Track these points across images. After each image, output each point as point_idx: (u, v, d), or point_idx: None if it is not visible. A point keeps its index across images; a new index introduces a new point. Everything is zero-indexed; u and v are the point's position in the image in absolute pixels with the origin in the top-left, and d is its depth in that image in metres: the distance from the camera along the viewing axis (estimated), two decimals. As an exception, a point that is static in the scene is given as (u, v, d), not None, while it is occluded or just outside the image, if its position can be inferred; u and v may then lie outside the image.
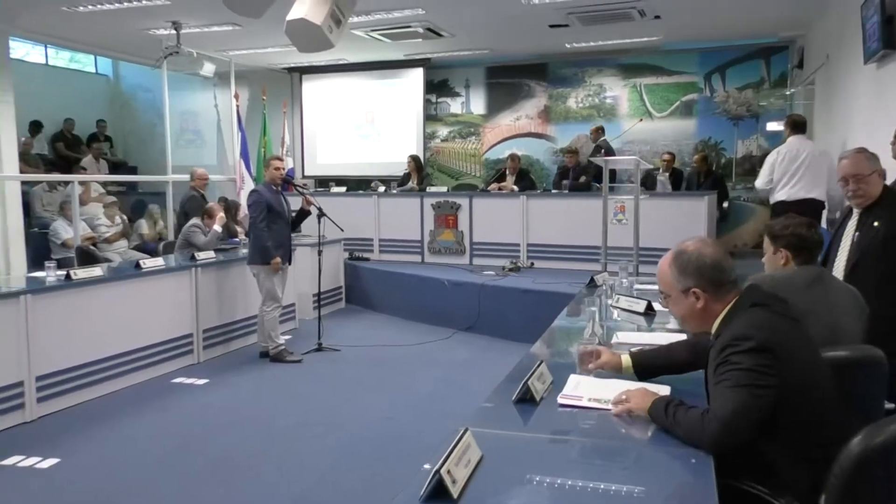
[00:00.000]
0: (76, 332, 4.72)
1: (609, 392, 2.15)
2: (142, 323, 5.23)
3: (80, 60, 11.42)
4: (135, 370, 5.15)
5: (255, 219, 5.61)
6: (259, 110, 9.41)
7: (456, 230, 8.13)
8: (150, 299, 5.34)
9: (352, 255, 8.48)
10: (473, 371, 5.53)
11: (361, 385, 5.22)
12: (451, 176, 10.81)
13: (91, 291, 4.86)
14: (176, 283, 5.60)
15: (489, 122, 10.56)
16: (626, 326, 3.22)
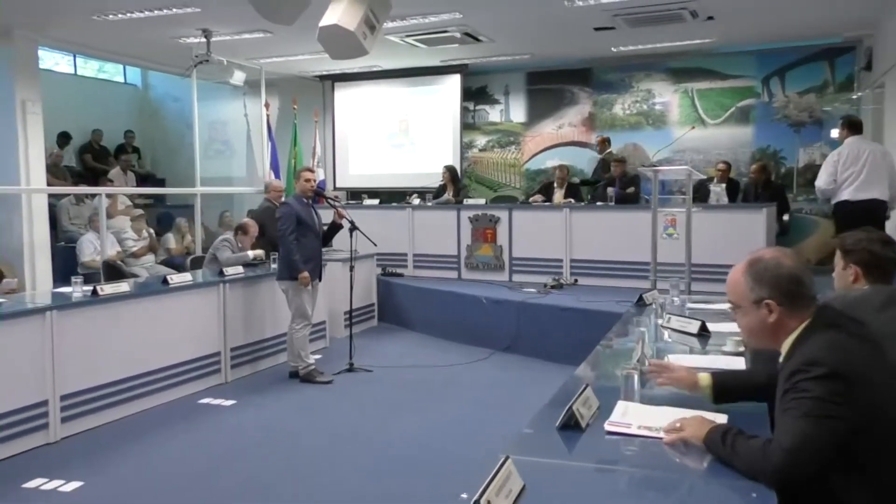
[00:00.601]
0: (102, 350, 4.83)
1: (660, 419, 2.11)
2: (168, 341, 5.34)
3: (108, 70, 11.77)
4: (161, 390, 5.25)
5: (285, 232, 5.69)
6: (290, 119, 9.57)
7: (494, 245, 8.12)
8: (177, 316, 5.44)
9: (385, 270, 8.53)
10: (513, 394, 5.50)
11: (394, 407, 5.23)
12: (489, 187, 10.82)
13: (117, 308, 4.97)
14: (203, 299, 5.70)
15: (530, 130, 10.55)
16: (678, 348, 3.17)
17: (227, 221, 9.53)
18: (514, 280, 7.96)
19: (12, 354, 4.32)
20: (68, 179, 9.58)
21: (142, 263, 8.33)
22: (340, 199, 9.03)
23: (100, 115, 10.99)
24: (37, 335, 4.45)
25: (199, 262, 7.11)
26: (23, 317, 4.42)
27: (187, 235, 9.13)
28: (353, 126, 11.03)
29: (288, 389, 5.71)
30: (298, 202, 5.82)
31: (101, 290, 4.93)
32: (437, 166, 9.79)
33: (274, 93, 10.26)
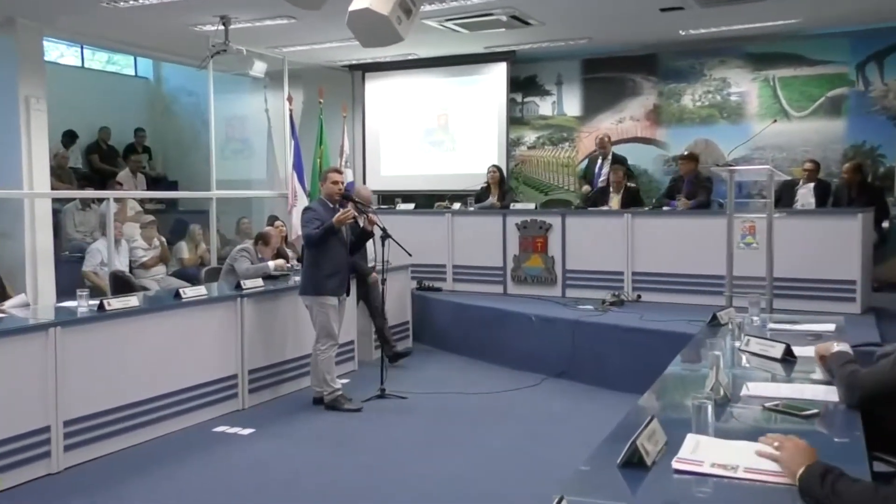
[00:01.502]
0: (109, 372, 4.94)
1: (737, 456, 2.08)
2: (181, 362, 5.43)
3: (117, 62, 12.08)
4: (172, 416, 5.34)
5: (310, 240, 5.75)
6: (315, 115, 9.68)
7: (545, 255, 8.10)
8: (191, 334, 5.54)
9: (421, 284, 8.56)
10: (567, 426, 5.47)
11: (431, 440, 5.23)
12: (539, 190, 10.80)
13: (126, 324, 5.08)
14: (219, 315, 5.79)
15: (586, 125, 10.51)
16: (759, 375, 3.13)
17: (245, 229, 9.68)
18: (568, 296, 7.92)
19: (11, 375, 4.42)
20: (74, 182, 9.82)
21: (152, 275, 8.51)
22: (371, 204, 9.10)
23: (108, 112, 11.27)
24: (39, 354, 4.56)
25: (215, 274, 7.23)
26: (23, 334, 4.53)
27: (202, 244, 9.28)
28: (385, 122, 11.13)
29: (312, 417, 5.75)
30: (324, 207, 5.88)
31: (108, 304, 5.04)
32: (479, 166, 9.81)
33: (298, 85, 10.40)
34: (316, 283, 5.80)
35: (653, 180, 10.00)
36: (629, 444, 2.11)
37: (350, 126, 10.67)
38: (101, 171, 10.72)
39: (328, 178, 5.97)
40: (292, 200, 9.19)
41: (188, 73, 10.46)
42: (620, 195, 8.31)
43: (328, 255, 5.79)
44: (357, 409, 5.87)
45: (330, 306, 5.83)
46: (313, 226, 5.69)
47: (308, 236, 5.74)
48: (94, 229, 9.11)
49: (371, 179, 11.20)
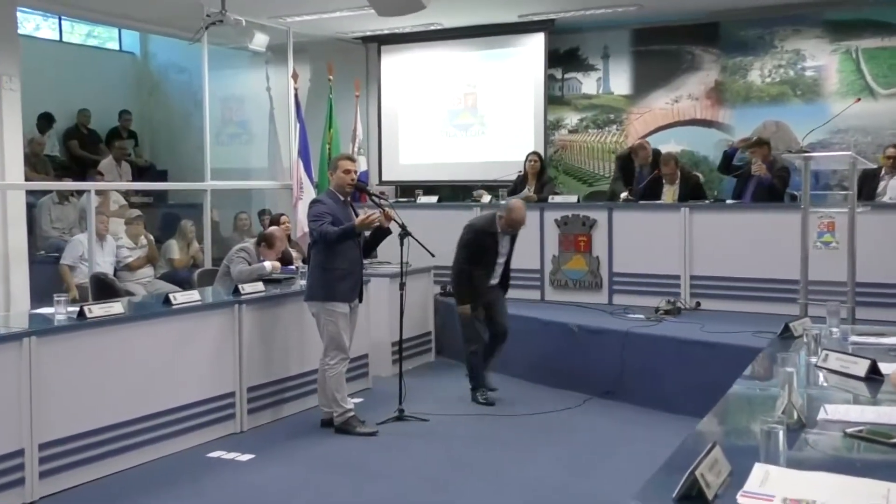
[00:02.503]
0: (90, 388, 4.98)
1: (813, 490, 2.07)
2: (171, 377, 5.47)
3: (100, 35, 12.22)
4: (161, 440, 5.38)
5: (321, 235, 5.76)
6: (324, 94, 9.73)
7: (589, 256, 8.07)
8: (182, 346, 5.58)
9: (445, 289, 8.56)
10: (614, 454, 5.45)
11: (457, 469, 5.24)
12: (581, 180, 10.77)
13: (109, 334, 5.13)
14: (214, 324, 5.83)
15: (636, 105, 10.46)
16: (839, 396, 3.12)
17: (244, 226, 9.74)
18: (616, 303, 7.90)
19: (-20, 391, 4.48)
20: (50, 172, 9.94)
21: (138, 278, 8.60)
22: (388, 196, 9.13)
23: (89, 92, 11.39)
24: (12, 368, 4.60)
25: (209, 277, 7.29)
26: (-7, 344, 4.59)
27: (194, 243, 9.36)
28: (404, 102, 11.16)
29: (320, 442, 5.77)
30: (334, 200, 5.90)
31: (89, 311, 5.10)
32: (513, 153, 9.79)
33: (304, 60, 10.46)
34: (324, 288, 5.82)
35: (713, 169, 9.91)
36: (687, 474, 2.10)
37: (364, 107, 10.70)
38: (81, 160, 10.83)
39: (339, 166, 5.98)
40: (297, 192, 9.25)
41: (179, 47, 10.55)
42: (676, 187, 8.25)
43: (339, 256, 5.80)
44: (371, 432, 5.88)
45: (340, 314, 5.85)
46: (324, 221, 5.69)
47: (321, 234, 5.69)
48: (72, 225, 9.20)
49: (388, 168, 11.24)
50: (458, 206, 9.18)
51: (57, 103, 10.82)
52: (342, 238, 5.69)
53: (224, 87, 10.90)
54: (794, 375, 2.78)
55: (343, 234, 5.69)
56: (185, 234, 9.29)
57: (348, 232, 5.70)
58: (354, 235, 5.78)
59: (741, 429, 2.78)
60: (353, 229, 5.70)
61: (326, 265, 5.80)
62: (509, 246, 6.76)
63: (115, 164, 10.47)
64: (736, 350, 5.81)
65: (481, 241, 6.61)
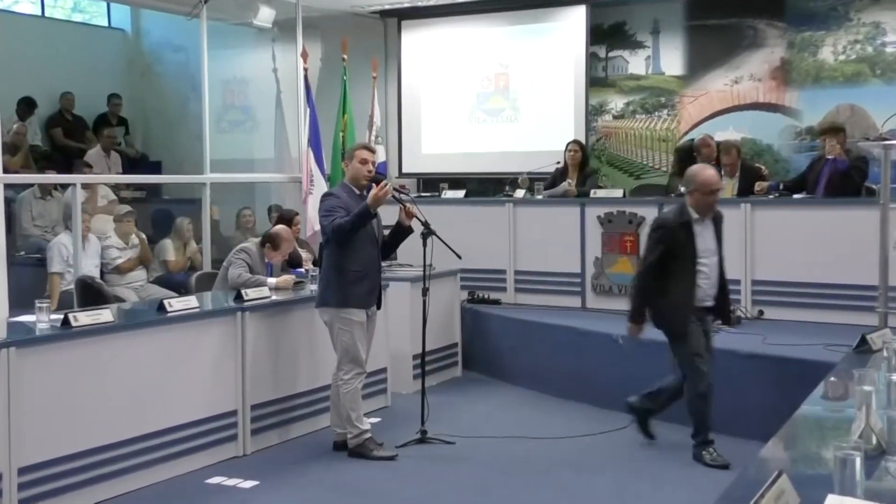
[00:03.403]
0: (75, 405, 5.01)
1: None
2: (166, 394, 5.50)
3: (86, 10, 12.33)
4: (155, 464, 5.40)
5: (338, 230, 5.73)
6: (337, 75, 9.74)
7: (637, 258, 8.01)
8: (178, 359, 5.61)
9: (474, 295, 8.56)
10: (665, 483, 5.43)
11: (486, 498, 5.23)
12: (628, 172, 10.73)
13: (97, 345, 5.16)
14: (214, 334, 5.86)
15: (690, 87, 10.41)
16: (924, 419, 3.07)
17: (247, 224, 9.78)
18: (667, 311, 7.86)
19: (-46, 408, 4.53)
20: (31, 164, 10.01)
21: (129, 282, 8.64)
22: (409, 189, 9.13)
23: (74, 73, 11.44)
24: (-13, 382, 4.65)
25: (208, 281, 7.32)
26: (-31, 356, 4.63)
27: (192, 243, 9.40)
28: (427, 84, 11.17)
29: (332, 467, 5.78)
30: (349, 193, 5.90)
31: (74, 319, 5.13)
32: (550, 141, 9.77)
33: (315, 37, 10.48)
34: (338, 293, 5.82)
35: (779, 159, 9.85)
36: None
37: (382, 90, 10.72)
38: (66, 149, 10.91)
39: (354, 156, 5.99)
40: (307, 186, 9.26)
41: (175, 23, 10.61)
42: (736, 180, 8.21)
43: (354, 256, 5.80)
44: (390, 456, 5.89)
45: (356, 323, 5.85)
46: (336, 215, 5.68)
47: (335, 228, 5.66)
48: (56, 223, 9.25)
49: (409, 159, 11.25)
50: (487, 201, 9.18)
51: (39, 86, 10.87)
52: (357, 225, 5.63)
53: (225, 68, 10.94)
54: (872, 395, 2.76)
55: (357, 220, 5.61)
56: (181, 232, 9.31)
57: (362, 215, 5.62)
58: (370, 217, 5.72)
59: (811, 455, 2.77)
60: (366, 211, 5.61)
61: (341, 267, 5.80)
62: (714, 240, 5.87)
63: (104, 155, 10.55)
64: (804, 365, 5.78)
65: (674, 237, 5.75)
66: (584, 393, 7.19)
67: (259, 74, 10.80)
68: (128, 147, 11.64)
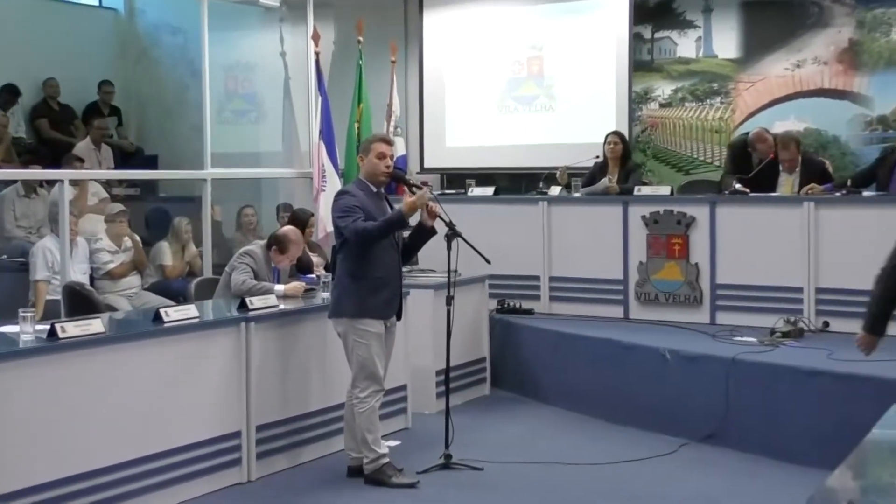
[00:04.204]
0: (63, 426, 5.01)
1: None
2: (163, 413, 5.49)
3: (75, -13, 12.40)
4: (149, 491, 5.39)
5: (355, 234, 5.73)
6: (352, 60, 9.77)
7: (686, 263, 8.02)
8: (177, 374, 5.61)
9: (503, 304, 8.56)
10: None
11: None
12: (676, 167, 10.71)
13: (86, 358, 5.16)
14: (216, 347, 5.86)
15: (746, 71, 10.37)
16: None
17: (249, 224, 9.80)
18: (720, 322, 7.85)
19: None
20: (14, 158, 10.08)
21: (122, 289, 8.69)
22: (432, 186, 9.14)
23: (61, 58, 11.49)
24: (-33, 399, 4.69)
25: (209, 288, 7.35)
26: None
27: (191, 245, 9.44)
28: (452, 70, 11.19)
29: (346, 495, 5.78)
30: (365, 191, 5.90)
31: (62, 329, 5.15)
32: (588, 133, 9.76)
33: (328, 17, 10.51)
34: (354, 301, 5.82)
35: (847, 152, 9.80)
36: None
37: (402, 76, 10.75)
38: (52, 142, 10.97)
39: (370, 150, 5.98)
40: (319, 183, 9.29)
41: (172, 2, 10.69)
42: (797, 176, 8.17)
43: (372, 261, 5.80)
44: (410, 483, 5.88)
45: (373, 335, 5.85)
46: (355, 216, 5.68)
47: (358, 231, 5.64)
48: (41, 224, 9.31)
49: (431, 153, 11.26)
50: (519, 199, 9.17)
51: (22, 73, 10.95)
52: (387, 232, 5.67)
53: (228, 51, 10.99)
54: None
55: (387, 228, 5.64)
56: (179, 234, 9.34)
57: (394, 222, 5.65)
58: (403, 227, 5.73)
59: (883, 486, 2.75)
60: (400, 217, 5.65)
61: (357, 273, 5.81)
62: None
63: (94, 148, 10.57)
64: (876, 384, 5.74)
65: None
66: (627, 414, 7.17)
67: (265, 59, 10.84)
68: (120, 139, 11.71)
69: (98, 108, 11.61)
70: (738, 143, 9.27)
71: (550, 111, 10.70)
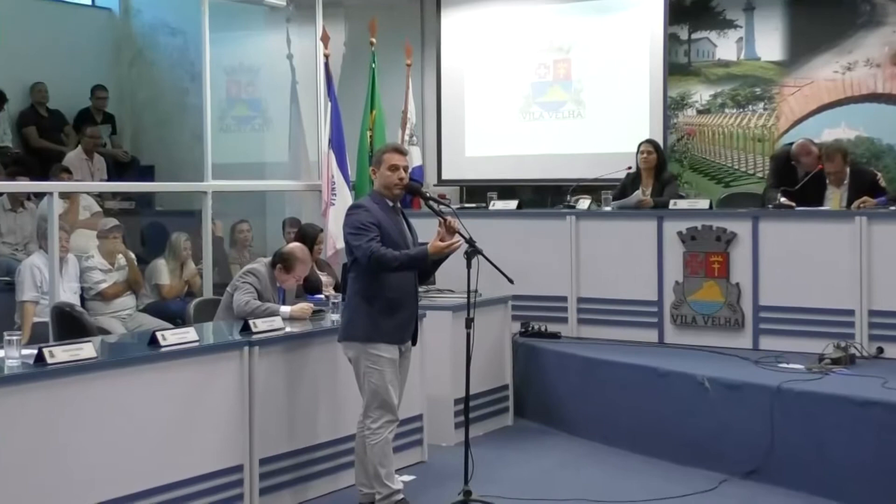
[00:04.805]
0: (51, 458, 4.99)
1: None
2: (159, 445, 5.48)
3: (67, -15, 12.47)
4: (144, 527, 5.44)
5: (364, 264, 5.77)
6: (364, 63, 9.79)
7: (726, 283, 8.00)
8: (174, 402, 5.60)
9: (527, 327, 8.54)
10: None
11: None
12: (716, 179, 10.69)
13: (77, 385, 5.15)
14: (217, 373, 5.86)
15: (792, 75, 10.34)
16: None
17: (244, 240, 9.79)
18: (764, 347, 7.82)
19: None
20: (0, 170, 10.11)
21: (115, 310, 8.71)
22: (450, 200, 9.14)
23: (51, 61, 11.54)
24: (-51, 429, 4.70)
25: (210, 309, 7.35)
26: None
27: (190, 263, 9.45)
28: (472, 73, 11.19)
29: (357, 534, 5.80)
30: (380, 205, 5.90)
31: (50, 354, 5.14)
32: (620, 142, 9.77)
33: (337, 17, 10.54)
34: (366, 324, 5.82)
35: (903, 162, 9.78)
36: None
37: (418, 80, 10.76)
38: (41, 152, 10.99)
39: (382, 161, 5.98)
40: (328, 196, 9.29)
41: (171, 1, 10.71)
42: (844, 189, 8.16)
43: (386, 281, 5.80)
44: (427, 522, 5.89)
45: (386, 360, 5.84)
46: (370, 235, 5.68)
47: (373, 255, 5.62)
48: (28, 240, 9.34)
49: (450, 163, 11.27)
50: (545, 214, 9.17)
51: (8, 77, 10.95)
52: (406, 268, 5.70)
53: (231, 54, 11.02)
54: None
55: (408, 263, 5.67)
56: (177, 251, 9.36)
57: (415, 260, 5.68)
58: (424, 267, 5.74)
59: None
60: (424, 257, 5.66)
61: (369, 293, 5.80)
62: None
63: (85, 158, 10.59)
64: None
65: None
66: (662, 447, 7.15)
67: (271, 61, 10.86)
68: (114, 148, 11.73)
69: (90, 114, 11.64)
70: (781, 156, 9.23)
71: (579, 118, 10.70)
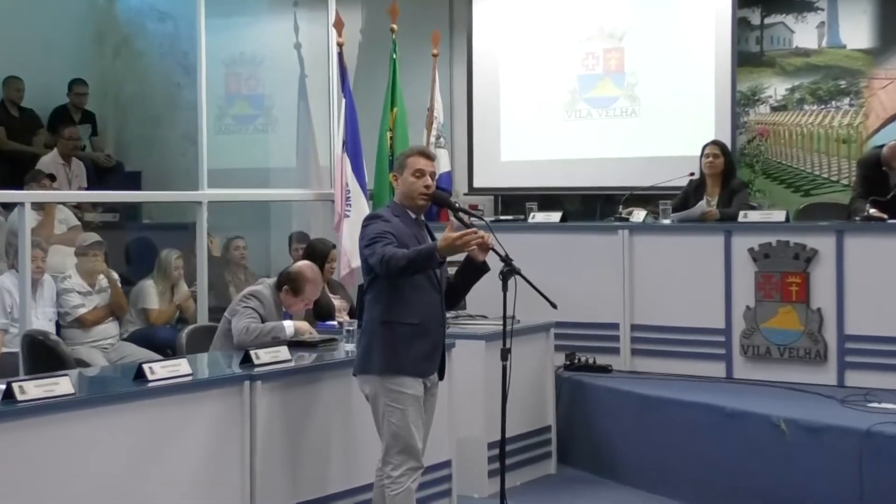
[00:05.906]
0: (21, 507, 5.08)
1: None
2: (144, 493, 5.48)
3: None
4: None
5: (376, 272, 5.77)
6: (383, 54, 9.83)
7: (806, 308, 7.99)
8: (163, 445, 5.60)
9: (574, 360, 8.54)
10: None
11: None
12: (793, 187, 10.68)
13: (51, 426, 5.16)
14: (213, 412, 5.86)
15: (883, 66, 10.33)
16: None
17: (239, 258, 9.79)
18: (850, 384, 7.79)
19: None
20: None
21: (95, 339, 8.74)
22: (483, 212, 9.14)
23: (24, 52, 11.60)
24: None
25: (205, 338, 7.37)
26: None
27: (182, 284, 9.49)
28: (508, 65, 11.22)
29: None
30: (401, 216, 5.89)
31: (20, 390, 5.17)
32: (681, 144, 9.77)
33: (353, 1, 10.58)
34: (386, 355, 5.79)
35: None
36: None
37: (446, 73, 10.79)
38: (11, 156, 11.05)
39: (405, 165, 5.96)
40: (342, 207, 9.32)
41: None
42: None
43: (409, 304, 5.79)
44: (456, 586, 5.88)
45: (409, 397, 5.82)
46: (384, 242, 5.63)
47: (387, 260, 5.54)
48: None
49: (482, 169, 11.27)
50: (593, 227, 9.17)
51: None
52: (415, 267, 5.59)
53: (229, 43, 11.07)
54: None
55: (418, 260, 5.53)
56: (167, 271, 9.40)
57: (425, 257, 5.57)
58: (436, 264, 5.72)
59: None
60: (433, 252, 5.54)
61: (389, 319, 5.79)
62: None
63: (62, 163, 10.64)
64: None
65: None
66: (730, 499, 7.15)
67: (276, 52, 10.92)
68: (95, 152, 11.77)
69: (68, 112, 11.68)
70: (870, 160, 9.17)
71: (633, 116, 10.70)
